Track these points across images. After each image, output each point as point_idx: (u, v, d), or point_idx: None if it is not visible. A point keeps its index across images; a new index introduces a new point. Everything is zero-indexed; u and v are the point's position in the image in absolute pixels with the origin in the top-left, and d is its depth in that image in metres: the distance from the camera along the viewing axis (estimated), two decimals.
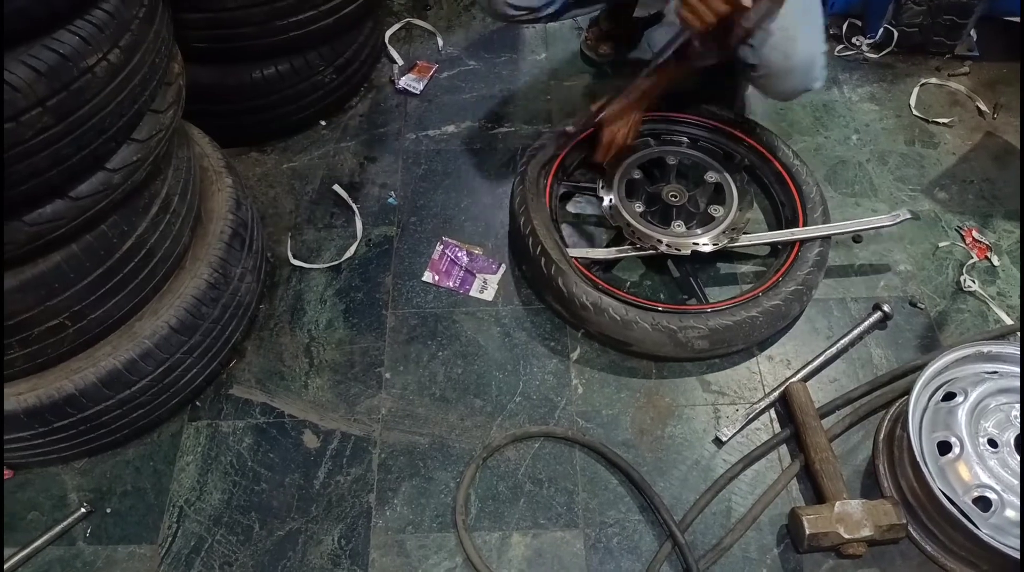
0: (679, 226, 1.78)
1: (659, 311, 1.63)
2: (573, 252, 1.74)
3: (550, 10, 1.91)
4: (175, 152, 1.47)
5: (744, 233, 1.80)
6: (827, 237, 1.80)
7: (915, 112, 2.27)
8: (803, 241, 1.78)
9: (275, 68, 1.96)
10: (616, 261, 1.85)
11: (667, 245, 1.74)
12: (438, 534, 1.49)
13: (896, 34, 2.38)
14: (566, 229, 1.91)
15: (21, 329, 1.26)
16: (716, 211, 1.81)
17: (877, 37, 2.41)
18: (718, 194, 1.87)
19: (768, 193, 1.99)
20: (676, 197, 1.80)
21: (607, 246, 1.87)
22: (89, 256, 1.28)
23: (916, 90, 2.32)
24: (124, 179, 1.25)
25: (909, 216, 1.86)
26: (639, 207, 1.81)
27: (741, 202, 1.83)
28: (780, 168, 1.95)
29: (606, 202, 1.82)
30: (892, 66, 2.41)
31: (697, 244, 1.74)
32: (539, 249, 1.70)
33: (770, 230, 1.95)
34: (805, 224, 1.83)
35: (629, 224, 1.77)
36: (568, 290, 1.65)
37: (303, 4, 1.86)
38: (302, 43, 1.96)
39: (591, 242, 1.93)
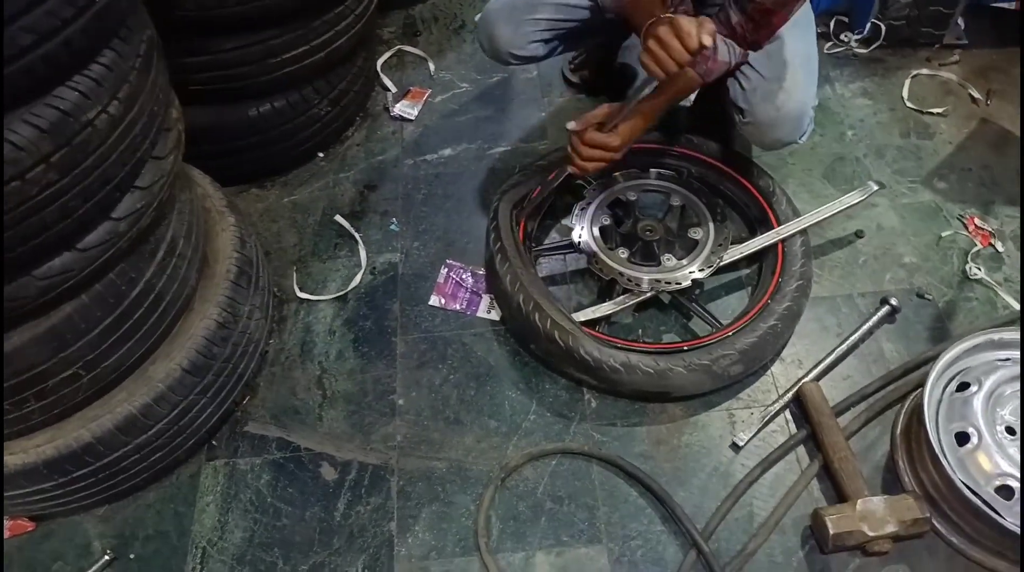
0: (669, 260, 1.75)
1: (686, 351, 1.59)
2: (578, 316, 1.69)
3: (549, 56, 1.93)
4: (178, 196, 1.49)
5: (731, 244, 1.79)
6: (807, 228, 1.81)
7: (908, 104, 2.28)
8: (786, 239, 1.79)
9: (271, 105, 1.98)
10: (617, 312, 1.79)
11: (665, 282, 1.70)
12: (462, 558, 1.49)
13: (884, 28, 2.39)
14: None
15: (36, 382, 1.26)
16: (696, 233, 1.78)
17: (865, 32, 2.42)
18: (688, 215, 1.84)
19: (726, 198, 1.96)
20: (652, 230, 1.76)
21: (599, 298, 1.82)
22: (99, 305, 1.29)
23: (908, 82, 2.33)
24: (130, 227, 1.27)
25: (876, 187, 1.89)
26: (623, 253, 1.76)
27: (714, 217, 1.82)
28: (728, 170, 1.95)
29: (589, 257, 1.76)
30: (882, 60, 2.42)
31: (693, 272, 1.71)
32: (548, 323, 1.62)
33: (742, 233, 1.93)
34: (776, 218, 1.84)
35: (622, 273, 1.71)
36: (593, 357, 1.58)
37: (297, 40, 1.89)
38: (297, 78, 1.98)
39: (567, 297, 1.88)
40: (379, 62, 2.48)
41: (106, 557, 1.50)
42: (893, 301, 1.77)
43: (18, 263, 1.14)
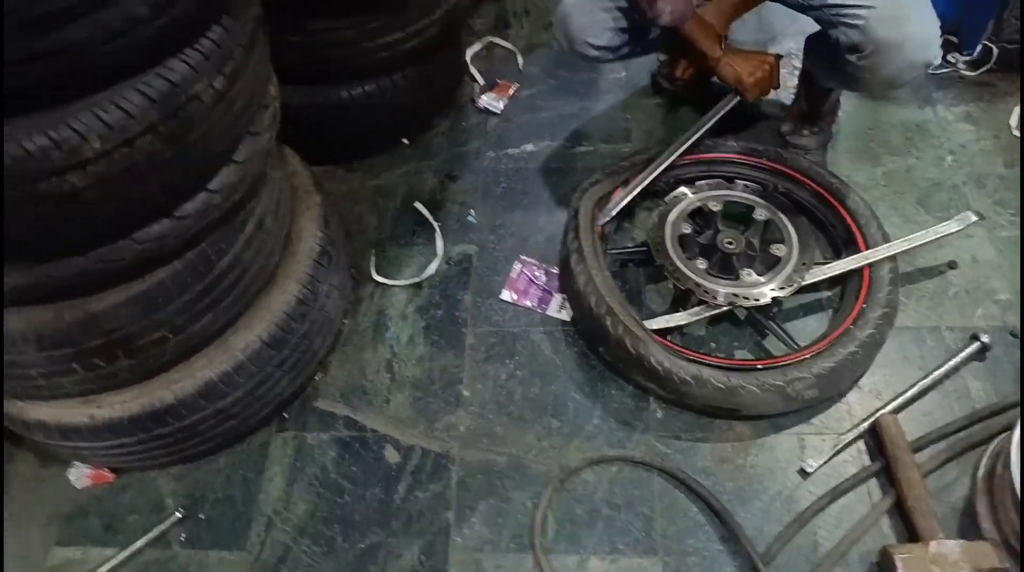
0: (748, 275, 1.71)
1: (760, 369, 1.55)
2: (651, 324, 1.66)
3: (625, 51, 1.94)
4: (270, 173, 1.53)
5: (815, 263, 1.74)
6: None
7: (1015, 133, 2.17)
8: (873, 263, 1.72)
9: (363, 88, 2.02)
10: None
11: (743, 297, 1.67)
12: (515, 555, 1.49)
13: (996, 51, 2.28)
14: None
15: (127, 341, 1.32)
16: (779, 250, 1.74)
17: (975, 54, 2.31)
18: (771, 231, 1.80)
19: (813, 217, 1.91)
20: (732, 244, 1.73)
21: (672, 308, 1.78)
22: (190, 273, 1.33)
23: (1016, 109, 2.22)
24: (224, 199, 1.31)
25: (975, 218, 1.79)
26: (702, 264, 1.74)
27: (799, 234, 1.77)
28: (818, 188, 1.90)
29: (666, 265, 1.74)
30: (990, 84, 2.30)
31: (773, 290, 1.67)
32: (620, 328, 1.60)
33: (826, 253, 1.88)
34: (865, 241, 1.77)
35: (699, 284, 1.69)
36: (663, 367, 1.56)
37: (391, 26, 1.92)
38: (389, 64, 2.01)
39: (640, 304, 1.85)
40: (469, 53, 2.50)
41: (177, 515, 1.55)
42: (984, 338, 1.69)
43: (119, 226, 1.19)
